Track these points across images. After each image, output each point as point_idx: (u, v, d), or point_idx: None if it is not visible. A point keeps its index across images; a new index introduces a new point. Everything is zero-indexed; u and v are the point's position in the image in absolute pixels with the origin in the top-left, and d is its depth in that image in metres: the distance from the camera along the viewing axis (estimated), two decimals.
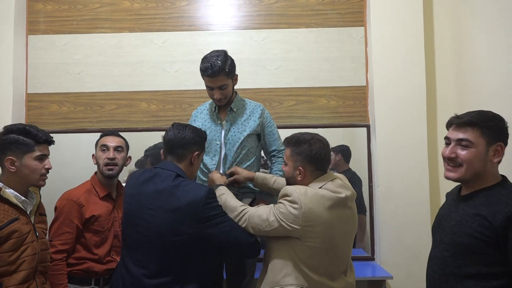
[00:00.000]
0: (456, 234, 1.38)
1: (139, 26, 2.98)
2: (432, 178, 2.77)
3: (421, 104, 2.76)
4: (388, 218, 2.72)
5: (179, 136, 1.79)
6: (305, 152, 1.68)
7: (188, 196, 1.66)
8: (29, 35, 2.99)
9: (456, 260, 1.37)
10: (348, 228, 1.70)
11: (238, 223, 1.71)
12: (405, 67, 2.78)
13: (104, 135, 2.20)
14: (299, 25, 2.95)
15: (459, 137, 1.41)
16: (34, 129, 1.69)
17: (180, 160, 1.79)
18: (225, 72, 2.02)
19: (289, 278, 1.61)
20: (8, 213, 1.58)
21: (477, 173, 1.39)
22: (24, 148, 1.65)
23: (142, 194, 1.74)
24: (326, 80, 2.92)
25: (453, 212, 1.45)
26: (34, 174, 1.67)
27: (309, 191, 1.62)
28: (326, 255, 1.63)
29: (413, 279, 2.64)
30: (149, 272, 1.66)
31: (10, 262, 1.55)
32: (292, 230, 1.59)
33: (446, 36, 2.90)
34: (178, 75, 2.94)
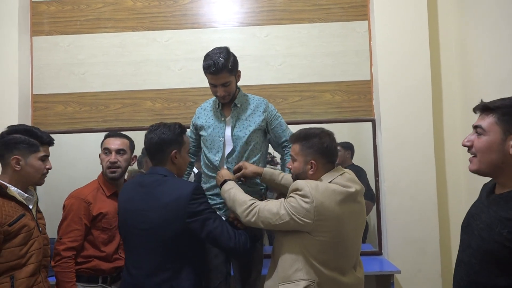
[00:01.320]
0: (484, 240, 1.21)
1: (142, 25, 2.98)
2: (439, 171, 2.75)
3: (426, 98, 2.74)
4: (395, 213, 2.71)
5: (153, 142, 1.81)
6: (316, 145, 1.67)
7: (175, 193, 1.71)
8: (33, 36, 3.01)
9: (484, 269, 1.21)
10: (357, 222, 1.70)
11: (247, 216, 1.70)
12: (410, 60, 2.76)
13: (107, 136, 2.21)
14: (302, 20, 2.94)
15: (475, 124, 1.28)
16: (38, 131, 1.79)
17: (162, 163, 1.82)
18: (228, 69, 2.02)
19: (300, 273, 1.60)
20: (15, 209, 1.66)
21: (496, 166, 1.23)
22: (30, 148, 1.74)
23: (134, 198, 1.80)
24: (330, 75, 2.91)
25: (483, 212, 1.28)
26: (37, 173, 1.76)
27: (320, 185, 1.61)
28: (336, 249, 1.62)
29: (421, 273, 2.64)
30: (147, 271, 1.71)
31: (21, 255, 1.63)
32: (304, 224, 1.58)
33: (451, 28, 2.87)
34: (182, 73, 2.94)
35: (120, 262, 2.09)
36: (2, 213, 1.60)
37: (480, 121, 1.26)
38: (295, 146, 1.74)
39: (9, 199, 1.66)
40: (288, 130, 2.20)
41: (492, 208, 1.24)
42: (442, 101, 2.86)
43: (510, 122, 1.20)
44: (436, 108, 2.79)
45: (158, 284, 1.69)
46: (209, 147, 2.13)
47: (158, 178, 1.77)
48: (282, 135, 2.19)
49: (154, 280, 1.69)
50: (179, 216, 1.69)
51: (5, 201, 1.64)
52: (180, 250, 1.72)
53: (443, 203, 2.78)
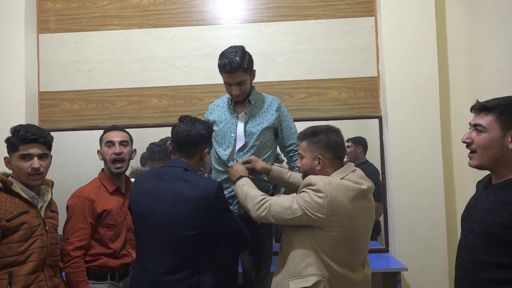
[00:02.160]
0: (487, 223, 1.33)
1: (147, 22, 2.98)
2: (446, 168, 2.74)
3: (434, 94, 2.72)
4: (402, 210, 2.69)
5: (191, 135, 1.77)
6: (323, 140, 1.69)
7: (199, 190, 1.68)
8: (39, 34, 3.01)
9: (488, 249, 1.32)
10: (367, 220, 1.70)
11: (257, 211, 1.71)
12: (417, 56, 2.74)
13: (107, 130, 2.20)
14: (308, 16, 2.92)
15: (474, 123, 1.40)
16: (22, 128, 1.71)
17: (190, 158, 1.80)
18: (244, 68, 2.02)
19: (311, 268, 1.60)
20: (18, 206, 1.67)
21: (496, 160, 1.36)
22: (11, 147, 1.72)
23: (153, 192, 1.74)
24: (337, 72, 2.90)
25: (483, 201, 1.39)
26: (20, 173, 1.71)
27: (333, 180, 1.62)
28: (347, 245, 1.62)
29: (428, 270, 2.63)
30: (166, 268, 1.66)
31: (19, 252, 1.63)
32: (317, 219, 1.58)
33: (459, 23, 2.84)
34: (188, 70, 2.94)
35: (127, 258, 2.09)
36: (2, 208, 1.61)
37: (479, 120, 1.39)
38: (302, 144, 1.76)
39: (14, 196, 1.67)
40: (297, 134, 2.19)
41: (492, 196, 1.36)
42: (449, 97, 2.84)
43: (507, 120, 1.34)
44: (443, 105, 2.77)
45: (178, 281, 1.65)
46: (220, 142, 2.14)
47: (180, 172, 1.73)
48: (289, 138, 2.19)
49: (174, 277, 1.65)
50: (203, 212, 1.67)
51: (8, 197, 1.66)
52: (200, 246, 1.70)
53: (450, 199, 2.77)
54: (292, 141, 2.18)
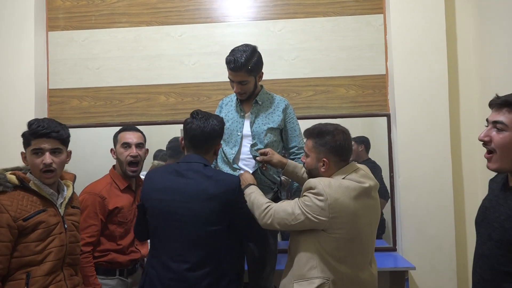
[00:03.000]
0: (508, 230, 1.20)
1: (156, 20, 2.99)
2: (455, 167, 2.71)
3: (443, 91, 2.70)
4: (410, 208, 2.68)
5: (205, 131, 1.76)
6: (329, 143, 1.66)
7: (223, 185, 1.70)
8: (49, 31, 3.04)
9: (509, 259, 1.20)
10: (372, 218, 1.69)
11: (263, 219, 1.70)
12: (426, 54, 2.72)
13: (123, 130, 2.21)
14: (316, 14, 2.91)
15: (494, 119, 1.25)
16: (35, 122, 1.65)
17: (205, 153, 1.80)
18: (247, 69, 2.02)
19: (315, 271, 1.60)
20: (36, 204, 1.62)
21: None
22: (25, 142, 1.67)
23: (173, 188, 1.72)
24: (345, 70, 2.88)
25: (501, 204, 1.26)
26: (34, 169, 1.66)
27: (332, 182, 1.61)
28: (352, 245, 1.61)
29: (436, 269, 2.61)
30: (190, 265, 1.65)
31: (37, 252, 1.58)
32: (319, 222, 1.58)
33: (468, 20, 2.81)
34: (196, 67, 2.95)
35: (135, 254, 2.11)
36: (18, 207, 1.56)
37: (499, 116, 1.24)
38: (308, 142, 1.74)
39: (31, 193, 1.62)
40: (301, 137, 2.20)
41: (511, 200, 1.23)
42: (459, 95, 2.81)
43: None
44: (452, 103, 2.75)
45: (203, 276, 1.64)
46: (227, 140, 2.14)
47: (200, 168, 1.72)
48: (293, 140, 2.19)
49: (199, 273, 1.64)
50: (227, 207, 1.69)
51: (26, 195, 1.60)
52: (223, 241, 1.71)
53: (459, 198, 2.74)
54: (295, 144, 2.18)
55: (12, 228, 1.54)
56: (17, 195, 1.59)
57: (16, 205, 1.56)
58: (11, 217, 1.54)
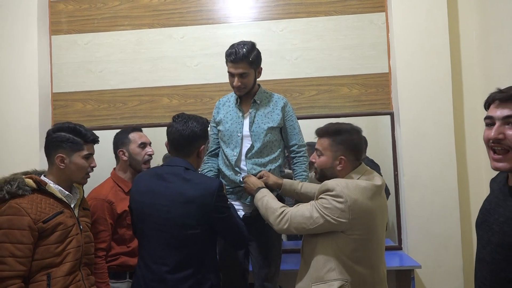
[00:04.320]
0: (507, 234, 1.13)
1: (158, 22, 2.99)
2: (460, 165, 2.70)
3: (446, 90, 2.69)
4: (415, 207, 2.67)
5: (184, 134, 1.78)
6: (347, 141, 1.66)
7: (200, 188, 1.69)
8: (52, 35, 3.05)
9: (511, 264, 1.13)
10: (384, 217, 1.70)
11: (279, 224, 1.68)
12: (429, 51, 2.71)
13: (133, 131, 2.24)
14: (318, 13, 2.90)
15: (505, 114, 1.12)
16: (83, 129, 1.78)
17: (187, 156, 1.81)
18: (248, 61, 2.04)
19: (334, 273, 1.58)
20: (53, 206, 1.66)
21: None
22: (74, 146, 1.74)
23: (154, 191, 1.75)
24: (347, 69, 2.87)
25: (501, 206, 1.19)
26: (80, 171, 1.76)
27: (350, 183, 1.59)
28: (368, 245, 1.61)
29: (442, 268, 2.60)
30: (170, 267, 1.68)
31: (56, 253, 1.63)
32: (338, 224, 1.56)
33: (471, 17, 2.80)
34: (198, 69, 2.95)
35: None
36: (38, 210, 1.60)
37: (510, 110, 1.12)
38: (323, 141, 1.71)
39: (48, 196, 1.67)
40: (300, 135, 2.19)
41: (510, 201, 1.16)
42: (462, 93, 2.80)
43: None
44: (456, 100, 2.73)
45: (183, 279, 1.67)
46: (227, 142, 2.13)
47: (181, 171, 1.74)
48: (293, 138, 2.18)
49: (178, 275, 1.67)
50: (205, 211, 1.68)
51: (43, 198, 1.65)
52: (203, 244, 1.72)
53: (464, 196, 2.73)
54: (295, 142, 2.17)
55: (33, 231, 1.58)
56: (35, 198, 1.63)
57: (35, 208, 1.60)
58: (32, 219, 1.58)
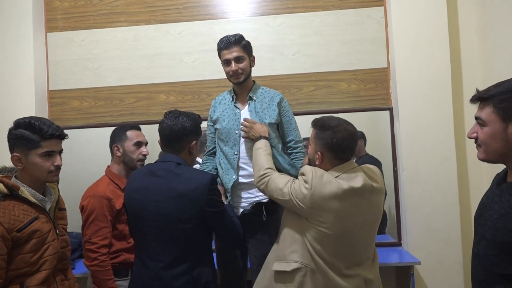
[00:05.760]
0: (499, 230, 1.16)
1: (154, 18, 2.97)
2: (460, 160, 2.68)
3: (446, 84, 2.67)
4: (415, 203, 2.65)
5: (174, 129, 1.77)
6: (326, 138, 1.64)
7: (192, 183, 1.69)
8: (48, 32, 3.03)
9: (504, 260, 1.15)
10: (365, 219, 1.65)
11: (258, 183, 1.79)
12: (428, 46, 2.68)
13: (131, 128, 2.21)
14: (316, 8, 2.88)
15: (476, 116, 1.26)
16: (40, 123, 1.56)
17: (178, 151, 1.80)
18: (241, 45, 2.08)
19: (295, 255, 1.63)
20: (27, 212, 1.54)
21: (504, 154, 1.20)
22: (29, 144, 1.54)
23: (147, 188, 1.75)
24: (346, 64, 2.85)
25: (496, 202, 1.22)
26: (40, 172, 1.57)
27: (325, 176, 1.61)
28: (335, 243, 1.60)
29: (442, 264, 2.59)
30: (165, 264, 1.68)
31: (32, 263, 1.52)
32: (299, 208, 1.62)
33: (471, 12, 2.77)
34: (196, 65, 2.93)
35: None
36: (11, 218, 1.48)
37: (479, 112, 1.25)
38: (312, 131, 1.74)
39: (21, 202, 1.54)
40: (297, 131, 2.19)
41: (505, 197, 1.19)
42: (462, 87, 2.78)
43: (507, 109, 1.17)
44: (456, 95, 2.71)
45: (177, 275, 1.66)
46: (225, 140, 2.11)
47: (172, 167, 1.73)
48: (289, 134, 2.17)
49: (173, 272, 1.67)
50: (197, 206, 1.67)
51: (16, 204, 1.52)
52: (198, 240, 1.71)
53: (464, 192, 2.71)
54: (291, 137, 2.17)
55: (6, 240, 1.46)
56: (7, 205, 1.50)
57: (8, 216, 1.48)
58: (5, 229, 1.46)
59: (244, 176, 2.09)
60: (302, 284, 1.61)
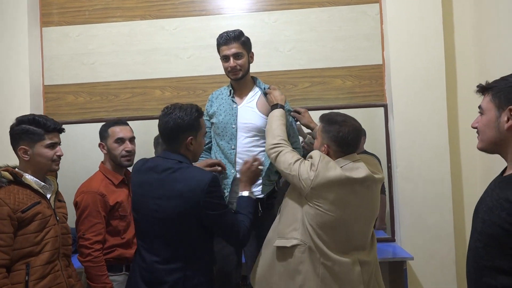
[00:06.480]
0: (485, 222, 1.19)
1: (150, 13, 2.96)
2: (453, 156, 2.70)
3: (440, 81, 2.68)
4: (408, 199, 2.67)
5: (167, 126, 1.73)
6: (332, 132, 1.74)
7: (191, 182, 1.66)
8: (43, 27, 3.01)
9: (489, 252, 1.18)
10: (365, 208, 1.76)
11: (269, 151, 1.87)
12: (423, 42, 2.69)
13: (113, 124, 2.18)
14: (311, 4, 2.88)
15: (479, 105, 1.31)
16: (43, 119, 1.78)
17: (178, 149, 1.76)
18: (241, 41, 2.09)
19: (296, 233, 1.73)
20: (30, 197, 1.70)
21: (496, 143, 1.24)
22: (34, 137, 1.75)
23: (146, 183, 1.75)
24: (341, 60, 2.86)
25: (489, 196, 1.24)
26: (46, 161, 1.77)
27: (331, 163, 1.71)
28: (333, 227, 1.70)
29: (435, 259, 2.61)
30: (161, 258, 1.69)
31: (36, 242, 1.66)
32: (301, 187, 1.71)
33: (466, 9, 2.78)
34: (191, 61, 2.93)
35: None
36: (16, 200, 1.64)
37: (481, 102, 1.30)
38: (319, 125, 1.83)
39: (24, 187, 1.70)
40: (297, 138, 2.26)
41: (496, 191, 1.22)
42: (456, 84, 2.79)
43: (502, 99, 1.22)
44: (450, 92, 2.72)
45: (171, 271, 1.68)
46: (221, 134, 2.12)
47: (172, 165, 1.72)
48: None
49: (167, 267, 1.68)
50: (195, 206, 1.66)
51: (20, 189, 1.68)
52: (194, 240, 1.71)
53: (457, 188, 2.73)
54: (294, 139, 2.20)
55: (12, 220, 1.61)
56: (12, 189, 1.67)
57: (13, 198, 1.64)
58: (11, 209, 1.61)
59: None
60: (301, 260, 1.70)
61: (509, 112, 1.19)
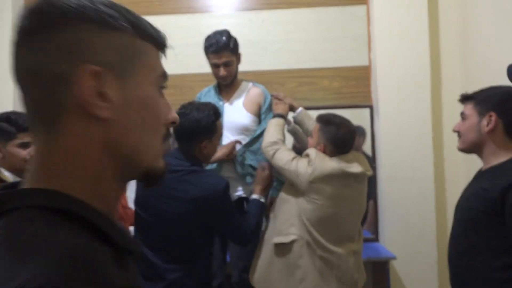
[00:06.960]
0: (465, 209, 1.41)
1: (138, 10, 2.78)
2: (437, 158, 2.74)
3: (425, 83, 2.71)
4: (392, 199, 2.70)
5: (183, 127, 1.66)
6: (330, 132, 1.84)
7: (206, 188, 1.65)
8: None
9: (468, 236, 1.38)
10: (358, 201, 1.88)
11: (267, 147, 1.93)
12: (408, 45, 2.72)
13: None
14: (300, 5, 2.89)
15: (461, 112, 1.52)
16: (17, 116, 1.69)
17: (189, 151, 1.73)
18: (230, 49, 2.06)
19: (293, 229, 1.80)
20: None
21: (476, 144, 1.45)
22: (7, 135, 1.68)
23: None
24: (329, 61, 2.87)
25: (468, 189, 1.48)
26: (17, 160, 1.69)
27: (327, 160, 1.80)
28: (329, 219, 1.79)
29: (417, 258, 2.64)
30: (162, 258, 1.68)
31: None
32: (298, 182, 1.80)
33: (451, 13, 2.81)
34: (178, 59, 2.90)
35: None
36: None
37: (463, 109, 1.51)
38: (316, 125, 1.92)
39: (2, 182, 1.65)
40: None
41: (473, 183, 1.45)
42: (441, 87, 2.83)
43: (484, 106, 1.42)
44: (434, 94, 2.76)
45: (172, 270, 1.67)
46: None
47: (185, 167, 1.68)
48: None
49: (169, 266, 1.67)
50: (207, 212, 1.65)
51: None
52: (195, 241, 1.70)
53: (440, 189, 2.77)
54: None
55: None
56: None
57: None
58: None
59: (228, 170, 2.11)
60: (300, 255, 1.78)
61: (489, 118, 1.39)
